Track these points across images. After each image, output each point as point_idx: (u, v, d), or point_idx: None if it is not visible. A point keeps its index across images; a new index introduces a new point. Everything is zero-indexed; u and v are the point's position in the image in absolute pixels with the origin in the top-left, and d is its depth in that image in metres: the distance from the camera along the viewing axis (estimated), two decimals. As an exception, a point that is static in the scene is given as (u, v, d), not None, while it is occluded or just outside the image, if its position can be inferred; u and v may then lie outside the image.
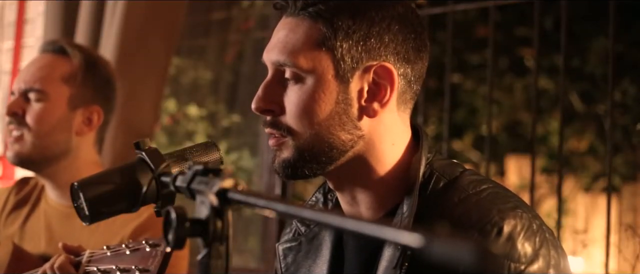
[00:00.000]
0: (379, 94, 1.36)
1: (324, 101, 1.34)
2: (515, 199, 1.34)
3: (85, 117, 2.16)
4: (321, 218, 0.90)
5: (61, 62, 2.16)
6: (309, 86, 1.34)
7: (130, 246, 1.54)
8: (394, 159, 1.39)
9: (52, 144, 2.12)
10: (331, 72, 1.34)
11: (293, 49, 1.35)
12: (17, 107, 2.13)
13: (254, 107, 1.38)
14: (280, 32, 1.39)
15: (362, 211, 1.42)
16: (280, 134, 1.37)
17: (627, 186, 5.30)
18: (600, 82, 5.25)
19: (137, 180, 1.30)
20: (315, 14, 1.35)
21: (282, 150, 1.38)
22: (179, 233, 1.00)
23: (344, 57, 1.34)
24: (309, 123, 1.35)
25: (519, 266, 1.25)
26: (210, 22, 3.85)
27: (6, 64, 3.61)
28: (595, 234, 4.69)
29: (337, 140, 1.35)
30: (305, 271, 1.49)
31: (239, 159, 3.96)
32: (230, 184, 0.99)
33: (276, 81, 1.38)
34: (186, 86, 4.20)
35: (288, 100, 1.36)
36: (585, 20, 5.11)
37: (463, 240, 0.70)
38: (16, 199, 2.22)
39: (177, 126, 4.17)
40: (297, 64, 1.34)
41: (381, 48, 1.35)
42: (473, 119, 5.83)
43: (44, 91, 2.13)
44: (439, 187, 1.36)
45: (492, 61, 2.83)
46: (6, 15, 3.67)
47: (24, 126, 2.11)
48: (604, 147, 5.32)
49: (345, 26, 1.34)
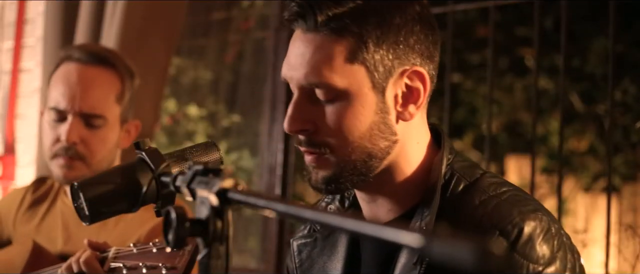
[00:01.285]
0: (412, 97, 1.36)
1: (363, 114, 1.33)
2: (535, 202, 1.36)
3: (125, 131, 2.17)
4: (321, 218, 0.90)
5: (112, 79, 2.12)
6: (346, 102, 1.33)
7: (157, 245, 1.55)
8: (419, 159, 1.40)
9: (104, 163, 2.11)
10: (367, 84, 1.33)
11: (325, 69, 1.32)
12: (77, 136, 2.06)
13: (288, 128, 1.36)
14: (300, 49, 1.35)
15: (382, 211, 1.42)
16: (320, 152, 1.35)
17: (627, 186, 5.30)
18: (600, 82, 5.25)
19: (137, 180, 1.30)
20: (342, 28, 1.32)
21: (322, 167, 1.37)
22: (179, 233, 1.00)
23: (378, 67, 1.33)
24: (351, 138, 1.34)
25: (537, 267, 1.28)
26: (210, 22, 3.85)
27: (6, 64, 3.61)
28: (595, 234, 4.69)
29: (376, 149, 1.35)
30: (319, 268, 1.50)
31: (239, 159, 3.95)
32: (230, 184, 0.99)
33: (306, 99, 1.35)
34: (186, 86, 4.19)
35: (325, 118, 1.34)
36: (585, 20, 5.11)
37: (463, 240, 0.70)
38: (33, 198, 2.22)
39: (177, 126, 4.17)
40: (332, 85, 1.32)
41: (409, 52, 1.35)
42: (473, 119, 5.83)
43: (105, 116, 2.09)
44: (460, 189, 1.37)
45: (492, 61, 2.83)
46: (6, 15, 3.66)
47: (84, 155, 2.07)
48: (604, 147, 5.32)
49: (374, 37, 1.32)
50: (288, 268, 1.61)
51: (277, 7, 3.40)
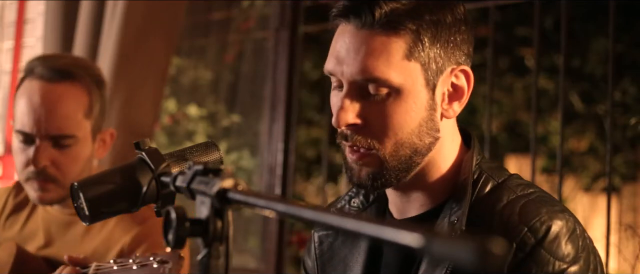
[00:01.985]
0: (456, 95, 1.39)
1: (415, 111, 1.35)
2: (561, 204, 1.40)
3: (100, 141, 2.11)
4: (321, 218, 0.90)
5: (77, 94, 2.02)
6: (401, 99, 1.34)
7: (138, 261, 1.53)
8: (453, 156, 1.43)
9: (78, 176, 2.03)
10: (421, 81, 1.35)
11: (383, 65, 1.32)
12: (46, 159, 1.99)
13: (338, 123, 1.35)
14: (354, 44, 1.34)
15: (413, 206, 1.44)
16: (367, 148, 1.36)
17: (627, 186, 5.30)
18: (600, 82, 5.25)
19: (137, 180, 1.30)
20: (399, 25, 1.32)
21: (369, 164, 1.37)
22: (179, 233, 1.00)
23: (431, 65, 1.35)
24: (402, 134, 1.35)
25: (562, 265, 1.31)
26: (210, 22, 3.85)
27: (6, 64, 3.61)
28: (595, 234, 4.69)
29: (421, 145, 1.37)
30: (339, 260, 1.51)
31: (239, 159, 3.95)
32: (230, 184, 0.99)
33: (357, 94, 1.35)
34: (186, 86, 4.19)
35: (377, 114, 1.34)
36: (585, 20, 5.11)
37: (463, 240, 0.70)
38: (15, 202, 2.19)
39: (177, 126, 4.16)
40: (389, 80, 1.32)
41: (457, 51, 1.37)
42: (473, 119, 5.83)
43: (75, 134, 2.01)
44: (488, 188, 1.39)
45: (492, 61, 2.83)
46: (6, 15, 3.67)
47: (55, 176, 2.00)
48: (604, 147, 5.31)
49: (430, 35, 1.34)
50: (304, 262, 1.61)
51: (277, 7, 3.40)
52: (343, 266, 1.50)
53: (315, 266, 1.55)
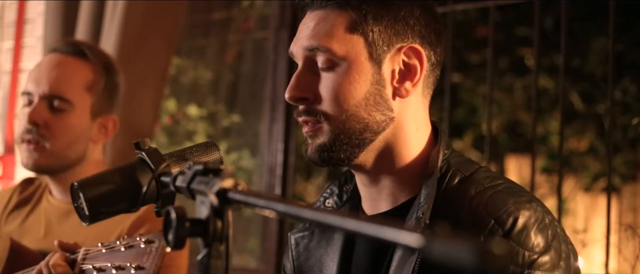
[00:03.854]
0: (409, 74, 1.42)
1: (359, 82, 1.39)
2: (529, 194, 1.39)
3: (101, 126, 2.14)
4: (321, 218, 0.90)
5: (83, 68, 2.11)
6: (343, 70, 1.39)
7: (125, 243, 1.53)
8: (418, 146, 1.44)
9: (72, 153, 2.10)
10: (365, 54, 1.40)
11: (326, 35, 1.40)
12: (39, 118, 2.06)
13: (288, 96, 1.42)
14: (307, 23, 1.44)
15: (381, 198, 1.45)
16: (315, 120, 1.41)
17: (627, 186, 5.30)
18: (600, 82, 5.25)
19: (137, 180, 1.30)
20: (344, 3, 1.41)
21: (317, 136, 1.41)
22: (179, 233, 1.00)
23: (376, 40, 1.40)
24: (346, 105, 1.39)
25: (532, 255, 1.30)
26: (210, 22, 3.85)
27: (6, 64, 3.62)
28: (595, 234, 4.69)
29: (371, 121, 1.40)
30: (316, 260, 1.53)
31: (239, 159, 3.95)
32: (230, 184, 0.99)
33: (308, 69, 1.42)
34: (186, 86, 4.19)
35: (323, 86, 1.40)
36: (585, 20, 5.11)
37: (464, 240, 0.70)
38: (19, 199, 2.22)
39: (177, 126, 4.16)
40: (331, 50, 1.39)
41: (408, 30, 1.41)
42: (473, 119, 5.83)
43: (70, 100, 2.07)
44: (455, 182, 1.40)
45: (492, 61, 2.83)
46: (6, 15, 3.67)
47: (44, 137, 2.06)
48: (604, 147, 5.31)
49: (374, 11, 1.40)
50: (284, 266, 1.63)
51: (277, 7, 3.40)
52: (319, 266, 1.52)
53: (293, 268, 1.57)
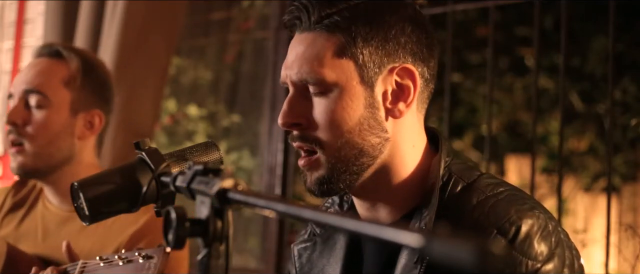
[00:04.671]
0: (402, 95, 1.39)
1: (352, 108, 1.36)
2: (532, 201, 1.37)
3: (86, 121, 2.14)
4: (321, 219, 0.90)
5: (59, 66, 2.12)
6: (336, 95, 1.36)
7: (124, 258, 1.53)
8: (415, 162, 1.41)
9: (56, 151, 2.09)
10: (356, 78, 1.36)
11: (315, 64, 1.36)
12: (17, 117, 2.07)
13: (281, 122, 1.39)
14: (296, 48, 1.40)
15: (381, 215, 1.43)
16: (310, 148, 1.38)
17: (627, 186, 5.30)
18: (600, 82, 5.24)
19: (137, 180, 1.30)
20: (332, 26, 1.37)
21: (315, 168, 1.39)
22: (179, 233, 1.00)
23: (366, 62, 1.36)
24: (340, 132, 1.36)
25: (535, 264, 1.29)
26: (210, 22, 3.85)
27: (6, 64, 3.61)
28: (595, 234, 4.69)
29: (366, 145, 1.37)
30: (318, 271, 1.51)
31: (239, 159, 3.95)
32: (230, 184, 0.99)
33: (300, 94, 1.39)
34: (186, 86, 4.19)
35: (316, 112, 1.37)
36: (585, 20, 5.11)
37: (464, 240, 0.70)
38: (13, 201, 2.20)
39: (177, 126, 4.16)
40: (321, 78, 1.36)
41: (399, 50, 1.38)
42: (473, 119, 5.82)
43: (46, 95, 2.08)
44: (457, 190, 1.38)
45: (492, 61, 2.83)
46: (6, 15, 3.67)
47: (25, 136, 2.07)
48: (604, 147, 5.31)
49: (363, 33, 1.36)
50: (289, 272, 1.62)
51: (277, 7, 3.40)
52: None
53: None
